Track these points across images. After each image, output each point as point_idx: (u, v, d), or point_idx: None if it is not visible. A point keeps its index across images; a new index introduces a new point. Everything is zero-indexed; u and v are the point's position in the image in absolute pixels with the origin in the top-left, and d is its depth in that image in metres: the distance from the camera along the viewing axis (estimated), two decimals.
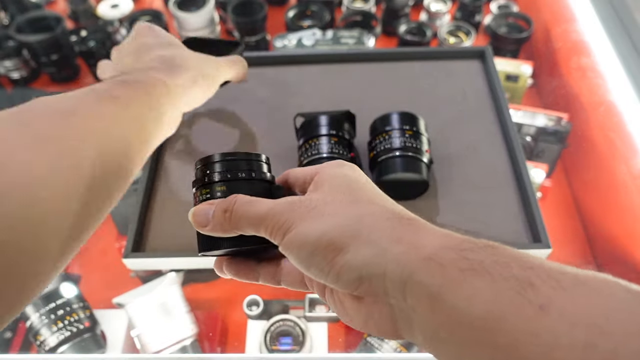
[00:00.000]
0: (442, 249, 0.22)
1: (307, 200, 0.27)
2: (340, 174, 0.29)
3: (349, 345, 0.64)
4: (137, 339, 0.60)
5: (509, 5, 1.03)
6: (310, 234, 0.25)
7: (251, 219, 0.27)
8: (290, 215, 0.26)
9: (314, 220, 0.25)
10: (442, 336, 0.21)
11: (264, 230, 0.27)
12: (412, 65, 0.66)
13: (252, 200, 0.28)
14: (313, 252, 0.25)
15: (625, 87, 0.72)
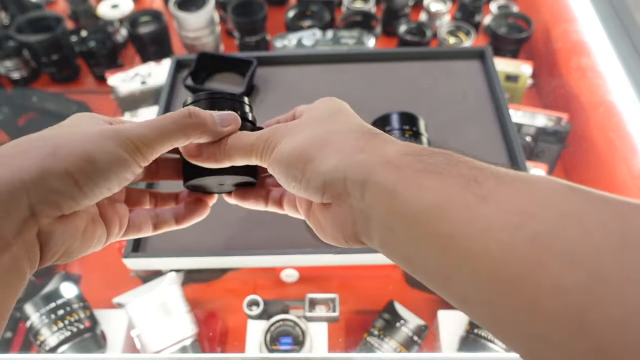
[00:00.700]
0: (400, 154, 0.24)
1: (289, 124, 0.30)
2: (321, 102, 0.31)
3: (349, 345, 0.64)
4: (137, 339, 0.60)
5: (509, 5, 1.03)
6: (287, 149, 0.27)
7: (243, 147, 0.29)
8: (274, 136, 0.29)
9: (291, 137, 0.28)
10: (395, 229, 0.23)
11: (255, 156, 0.29)
12: (412, 65, 0.66)
13: (242, 132, 0.30)
14: (289, 164, 0.27)
15: (625, 87, 0.72)
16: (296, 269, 0.66)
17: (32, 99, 0.93)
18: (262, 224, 0.51)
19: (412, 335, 0.60)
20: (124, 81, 0.85)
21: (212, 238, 0.51)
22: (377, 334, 0.61)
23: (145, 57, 0.97)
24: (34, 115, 0.94)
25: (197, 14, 0.89)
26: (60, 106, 0.92)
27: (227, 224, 0.51)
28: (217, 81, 0.64)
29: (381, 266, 0.67)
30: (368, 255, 0.49)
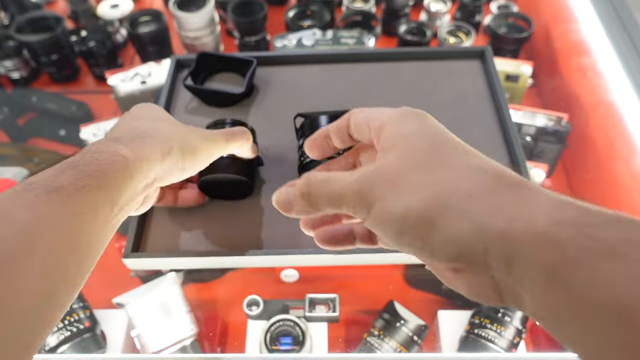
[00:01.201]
0: (556, 223, 0.19)
1: (384, 170, 0.24)
2: (411, 131, 0.25)
3: (349, 346, 0.64)
4: (137, 339, 0.60)
5: (509, 5, 1.03)
6: (395, 211, 0.22)
7: (329, 200, 0.25)
8: (371, 191, 0.23)
9: (397, 194, 0.23)
10: (558, 317, 0.19)
11: (346, 210, 0.25)
12: (412, 65, 0.66)
13: (327, 179, 0.25)
14: (401, 229, 0.22)
15: (625, 87, 0.72)
16: (296, 269, 0.66)
17: (32, 99, 0.93)
18: (262, 224, 0.51)
19: (412, 336, 0.60)
20: (124, 81, 0.85)
21: (212, 238, 0.51)
22: (377, 334, 0.61)
23: (145, 57, 0.97)
24: (34, 115, 0.94)
25: (197, 14, 0.89)
26: (60, 106, 0.92)
27: (227, 224, 0.51)
28: (217, 81, 0.64)
29: (381, 266, 0.67)
30: (368, 255, 0.49)
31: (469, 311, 0.62)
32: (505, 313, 0.59)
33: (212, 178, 0.49)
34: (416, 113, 0.27)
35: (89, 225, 0.29)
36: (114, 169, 0.32)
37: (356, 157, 0.33)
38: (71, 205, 0.28)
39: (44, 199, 0.27)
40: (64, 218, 0.27)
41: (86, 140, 0.79)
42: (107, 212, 0.31)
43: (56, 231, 0.27)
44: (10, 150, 0.87)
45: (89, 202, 0.29)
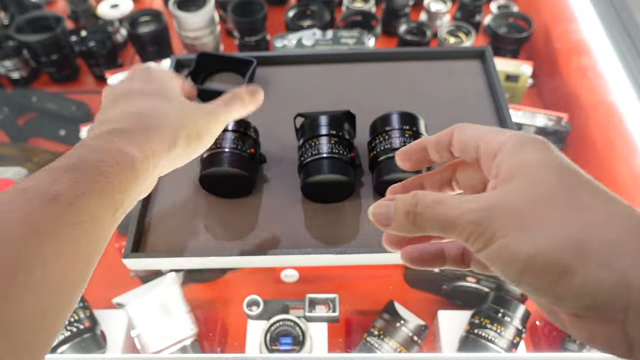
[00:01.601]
0: None
1: (507, 202, 0.22)
2: (535, 161, 0.23)
3: (349, 346, 0.64)
4: (137, 339, 0.60)
5: (509, 5, 1.03)
6: (520, 251, 0.20)
7: (441, 224, 0.23)
8: (492, 223, 0.21)
9: (523, 232, 0.21)
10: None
11: (456, 236, 0.23)
12: (412, 65, 0.66)
13: (438, 201, 0.24)
14: (524, 271, 0.21)
15: (625, 87, 0.72)
16: (296, 269, 0.66)
17: (32, 99, 0.93)
18: (262, 224, 0.51)
19: (412, 336, 0.60)
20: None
21: (212, 238, 0.51)
22: (377, 334, 0.61)
23: (145, 57, 0.97)
24: (34, 115, 0.94)
25: (197, 14, 0.89)
26: (60, 106, 0.92)
27: (227, 224, 0.51)
28: (217, 81, 0.64)
29: (381, 266, 0.67)
30: (368, 255, 0.49)
31: (469, 311, 0.62)
32: (505, 313, 0.59)
33: (213, 172, 0.49)
34: (537, 141, 0.24)
35: (90, 234, 0.28)
36: (118, 170, 0.30)
37: (452, 174, 0.31)
38: (71, 215, 0.26)
39: (40, 208, 0.26)
40: (63, 228, 0.26)
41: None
42: (109, 217, 0.30)
43: (54, 244, 0.25)
44: (10, 150, 0.87)
45: (90, 210, 0.28)
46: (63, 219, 0.26)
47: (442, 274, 0.66)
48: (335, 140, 0.50)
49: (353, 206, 0.52)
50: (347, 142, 0.51)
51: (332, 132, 0.51)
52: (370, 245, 0.49)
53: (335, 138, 0.50)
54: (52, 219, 0.26)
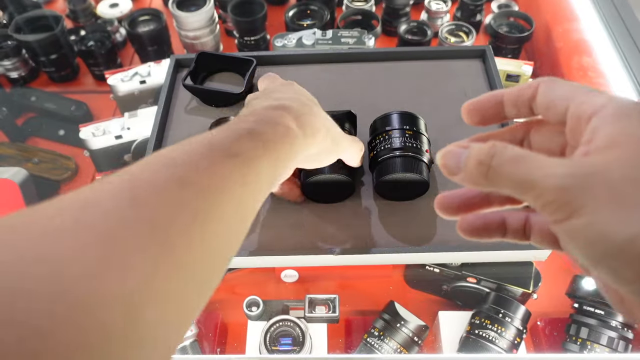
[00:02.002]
0: None
1: (604, 172, 0.19)
2: (629, 135, 0.20)
3: (349, 346, 0.64)
4: None
5: (510, 4, 1.02)
6: (614, 232, 0.18)
7: (518, 182, 0.20)
8: (582, 193, 0.19)
9: (622, 212, 0.18)
10: None
11: (532, 200, 0.20)
12: (412, 65, 0.66)
13: (520, 156, 0.21)
14: (614, 255, 0.18)
15: (626, 87, 0.71)
16: (296, 269, 0.66)
17: (31, 99, 0.93)
18: (263, 224, 0.51)
19: (413, 336, 0.60)
20: (123, 81, 0.85)
21: None
22: (377, 334, 0.61)
23: (145, 57, 0.97)
24: (33, 115, 0.94)
25: (196, 14, 0.89)
26: (59, 106, 0.92)
27: None
28: (217, 81, 0.64)
29: (381, 266, 0.67)
30: (368, 255, 0.49)
31: (470, 312, 0.62)
32: (506, 314, 0.59)
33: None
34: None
35: (252, 196, 0.30)
36: (285, 142, 0.33)
37: (526, 134, 0.27)
38: (243, 173, 0.28)
39: (222, 163, 0.28)
40: (235, 186, 0.27)
41: (85, 140, 0.78)
42: (268, 185, 0.32)
43: (229, 200, 0.27)
44: (9, 150, 0.87)
45: (258, 173, 0.30)
46: (237, 177, 0.28)
47: (443, 273, 0.65)
48: None
49: (353, 206, 0.52)
50: None
51: None
52: (370, 245, 0.49)
53: None
54: (228, 175, 0.27)
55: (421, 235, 0.50)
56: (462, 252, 0.50)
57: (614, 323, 0.58)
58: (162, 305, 0.21)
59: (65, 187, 0.83)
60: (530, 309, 0.60)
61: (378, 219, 0.52)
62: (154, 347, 0.21)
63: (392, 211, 0.52)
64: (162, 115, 0.60)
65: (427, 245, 0.49)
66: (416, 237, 0.50)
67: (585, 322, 0.60)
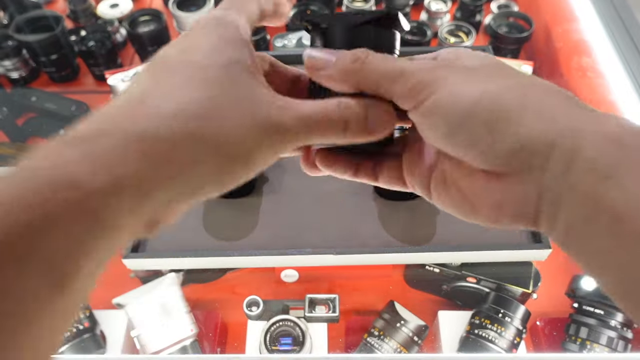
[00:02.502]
0: (624, 129, 0.19)
1: (453, 62, 0.23)
2: (469, 54, 0.24)
3: (349, 346, 0.64)
4: (137, 339, 0.60)
5: (510, 4, 1.03)
6: (466, 95, 0.21)
7: (386, 73, 0.22)
8: (435, 72, 0.22)
9: (469, 81, 0.21)
10: (597, 222, 0.18)
11: (400, 88, 0.22)
12: None
13: (390, 57, 0.23)
14: (467, 116, 0.21)
15: (625, 87, 0.72)
16: (296, 269, 0.66)
17: (31, 99, 0.93)
18: (262, 224, 0.51)
19: (413, 336, 0.60)
20: (124, 81, 0.85)
21: (212, 238, 0.51)
22: (377, 334, 0.61)
23: (145, 57, 0.97)
24: (33, 115, 0.94)
25: (196, 14, 0.89)
26: (60, 106, 0.92)
27: (227, 224, 0.51)
28: None
29: (381, 266, 0.67)
30: (368, 255, 0.49)
31: (469, 312, 0.62)
32: (505, 313, 0.59)
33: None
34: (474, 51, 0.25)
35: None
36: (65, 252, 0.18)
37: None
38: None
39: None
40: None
41: None
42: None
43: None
44: (9, 150, 0.87)
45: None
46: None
47: (443, 273, 0.66)
48: None
49: (353, 206, 0.52)
50: None
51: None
52: (370, 245, 0.49)
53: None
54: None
55: (421, 235, 0.50)
56: (462, 252, 0.50)
57: (613, 323, 0.58)
58: None
59: None
60: (530, 308, 0.60)
61: (378, 219, 0.52)
62: None
63: (392, 211, 0.52)
64: None
65: (427, 245, 0.50)
66: (416, 237, 0.50)
67: (584, 322, 0.60)
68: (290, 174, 0.54)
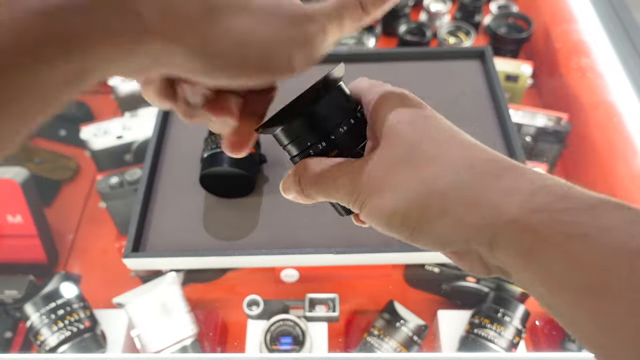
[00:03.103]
0: (529, 211, 0.21)
1: (374, 167, 0.25)
2: (399, 120, 0.26)
3: (349, 345, 0.64)
4: (137, 339, 0.60)
5: (509, 5, 1.03)
6: (382, 213, 0.24)
7: (324, 196, 0.27)
8: (360, 192, 0.25)
9: (383, 195, 0.24)
10: (539, 291, 0.21)
11: (341, 201, 0.27)
12: (412, 65, 0.66)
13: (318, 176, 0.27)
14: (390, 228, 0.24)
15: (625, 87, 0.72)
16: (296, 269, 0.66)
17: None
18: (262, 224, 0.52)
19: (412, 335, 0.60)
20: (124, 81, 0.85)
21: (212, 238, 0.51)
22: (377, 334, 0.61)
23: None
24: None
25: None
26: None
27: (227, 224, 0.51)
28: None
29: (381, 266, 0.67)
30: (368, 255, 0.49)
31: (469, 311, 0.62)
32: (505, 313, 0.59)
33: (213, 172, 0.49)
34: (399, 94, 0.28)
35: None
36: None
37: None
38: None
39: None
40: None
41: (87, 140, 0.79)
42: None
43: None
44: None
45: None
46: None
47: (442, 273, 0.66)
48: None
49: None
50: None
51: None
52: (370, 245, 0.49)
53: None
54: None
55: None
56: None
57: None
58: None
59: (66, 187, 0.83)
60: (529, 308, 0.60)
61: None
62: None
63: None
64: (162, 116, 0.60)
65: None
66: None
67: None
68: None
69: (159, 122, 0.59)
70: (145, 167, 0.55)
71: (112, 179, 0.71)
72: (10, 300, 0.66)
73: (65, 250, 0.76)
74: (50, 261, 0.74)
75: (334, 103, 0.28)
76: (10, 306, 0.67)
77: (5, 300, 0.66)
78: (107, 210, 0.74)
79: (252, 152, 0.51)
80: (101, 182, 0.72)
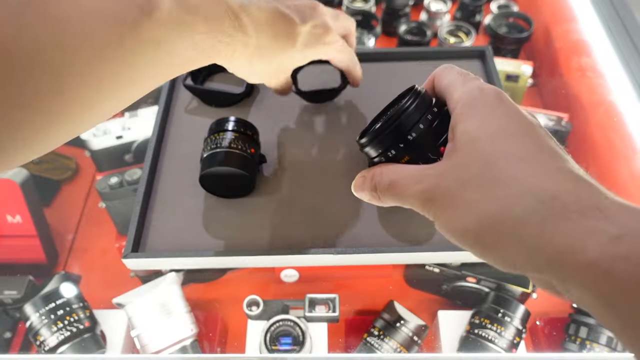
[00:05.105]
0: (609, 258, 0.19)
1: (447, 182, 0.25)
2: (480, 135, 0.25)
3: (349, 346, 0.64)
4: (137, 339, 0.60)
5: (509, 5, 1.03)
6: (455, 228, 0.25)
7: (399, 202, 0.28)
8: (433, 204, 0.26)
9: (456, 212, 0.25)
10: (617, 329, 0.20)
11: (415, 208, 0.28)
12: (412, 65, 0.66)
13: (392, 183, 0.28)
14: (462, 244, 0.25)
15: (625, 87, 0.72)
16: (296, 269, 0.66)
17: None
18: (262, 224, 0.51)
19: (412, 336, 0.60)
20: None
21: (212, 238, 0.51)
22: (377, 334, 0.61)
23: None
24: None
25: None
26: None
27: (227, 224, 0.51)
28: (217, 81, 0.64)
29: (381, 266, 0.67)
30: (368, 255, 0.49)
31: (469, 311, 0.62)
32: (505, 313, 0.59)
33: (213, 172, 0.49)
34: (486, 100, 0.26)
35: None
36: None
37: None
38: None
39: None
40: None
41: (86, 140, 0.79)
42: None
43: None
44: None
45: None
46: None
47: (443, 273, 0.66)
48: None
49: (353, 206, 0.52)
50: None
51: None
52: (370, 245, 0.49)
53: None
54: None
55: (421, 235, 0.50)
56: (462, 252, 0.50)
57: None
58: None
59: (66, 187, 0.83)
60: (530, 308, 0.60)
61: (378, 218, 0.52)
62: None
63: (392, 211, 0.52)
64: (162, 115, 0.60)
65: (427, 245, 0.50)
66: (416, 237, 0.50)
67: (584, 322, 0.60)
68: (291, 174, 0.54)
69: (158, 122, 0.59)
70: (145, 167, 0.55)
71: (112, 179, 0.71)
72: (9, 301, 0.66)
73: (64, 251, 0.76)
74: (50, 261, 0.74)
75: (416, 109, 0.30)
76: (9, 306, 0.67)
77: (4, 301, 0.66)
78: (107, 211, 0.74)
79: (252, 152, 0.51)
80: (101, 182, 0.72)
